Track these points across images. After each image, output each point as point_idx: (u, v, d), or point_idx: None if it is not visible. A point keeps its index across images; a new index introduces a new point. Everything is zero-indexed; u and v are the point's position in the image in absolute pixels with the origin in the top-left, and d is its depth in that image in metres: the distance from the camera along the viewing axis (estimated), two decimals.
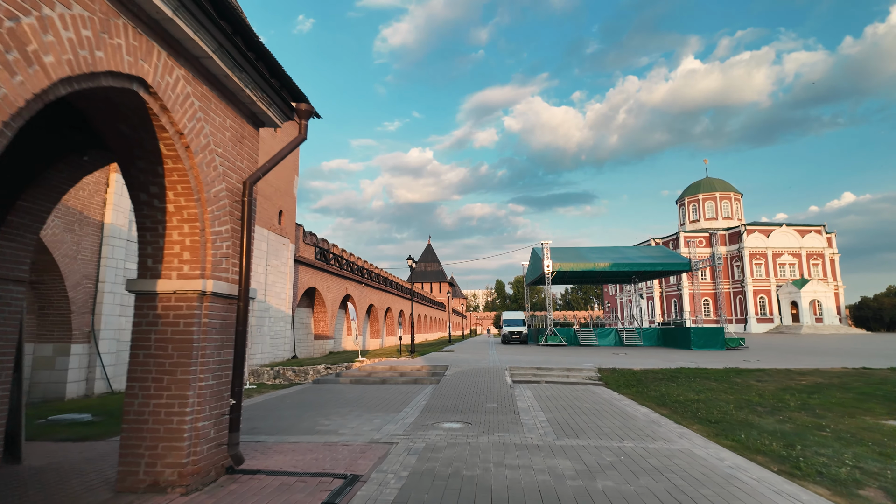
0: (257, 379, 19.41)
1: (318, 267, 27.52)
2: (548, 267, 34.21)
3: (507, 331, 37.51)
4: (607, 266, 34.42)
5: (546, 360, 19.13)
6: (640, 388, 13.09)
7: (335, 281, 30.90)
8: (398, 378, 14.76)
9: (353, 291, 34.47)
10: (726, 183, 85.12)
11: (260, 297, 20.33)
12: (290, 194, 23.58)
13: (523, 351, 26.93)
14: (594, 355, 23.45)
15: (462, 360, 19.61)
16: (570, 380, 14.62)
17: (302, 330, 27.78)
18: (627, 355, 24.22)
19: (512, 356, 22.09)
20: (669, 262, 35.34)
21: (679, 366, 16.96)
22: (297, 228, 25.24)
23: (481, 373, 14.84)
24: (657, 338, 34.61)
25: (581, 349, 29.17)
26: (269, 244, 21.39)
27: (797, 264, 71.32)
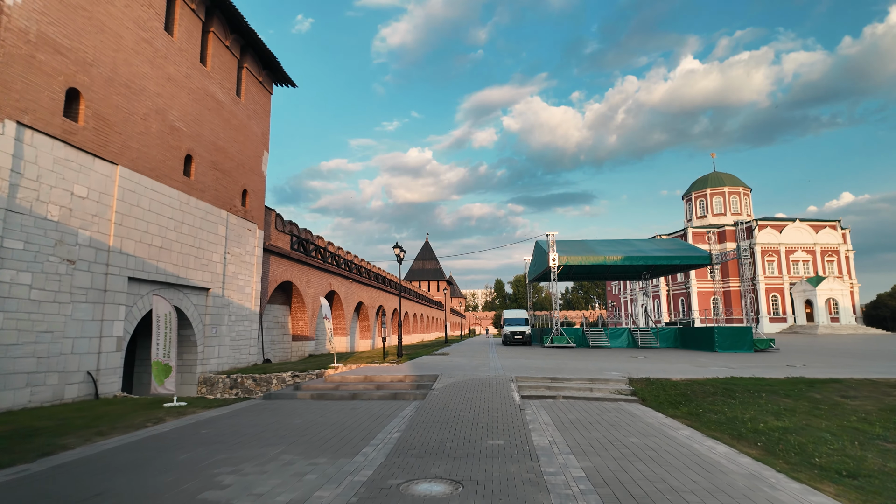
0: (210, 389, 16.11)
1: (294, 258, 24.21)
2: (553, 261, 30.94)
3: (509, 331, 34.23)
4: (619, 259, 31.16)
5: (558, 367, 15.87)
6: (691, 407, 9.83)
7: (317, 275, 27.59)
8: (373, 392, 11.45)
9: (338, 287, 31.16)
10: (734, 177, 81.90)
11: (216, 290, 17.03)
12: (257, 172, 20.29)
13: (528, 353, 23.66)
14: (610, 359, 20.19)
15: (457, 365, 16.34)
16: (595, 394, 11.33)
17: (277, 330, 24.47)
18: (648, 359, 21.04)
19: (516, 360, 18.84)
20: (687, 256, 32.08)
21: (725, 374, 13.68)
22: (267, 213, 21.94)
23: (480, 385, 11.54)
24: (674, 338, 31.37)
25: (591, 351, 25.90)
26: (230, 228, 18.09)
27: (811, 261, 68.12)
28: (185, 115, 15.50)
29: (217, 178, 17.28)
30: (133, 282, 13.23)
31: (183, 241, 15.31)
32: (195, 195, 16.00)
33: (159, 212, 14.20)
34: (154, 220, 13.99)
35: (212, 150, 17.01)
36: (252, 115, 20.04)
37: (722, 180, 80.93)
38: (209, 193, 16.79)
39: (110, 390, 12.22)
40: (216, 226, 17.16)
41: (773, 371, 14.80)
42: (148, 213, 13.75)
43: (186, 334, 16.09)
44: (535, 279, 41.05)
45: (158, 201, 14.18)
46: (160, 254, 14.20)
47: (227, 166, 17.95)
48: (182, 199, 15.34)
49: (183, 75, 15.41)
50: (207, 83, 16.79)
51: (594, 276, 43.55)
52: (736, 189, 79.77)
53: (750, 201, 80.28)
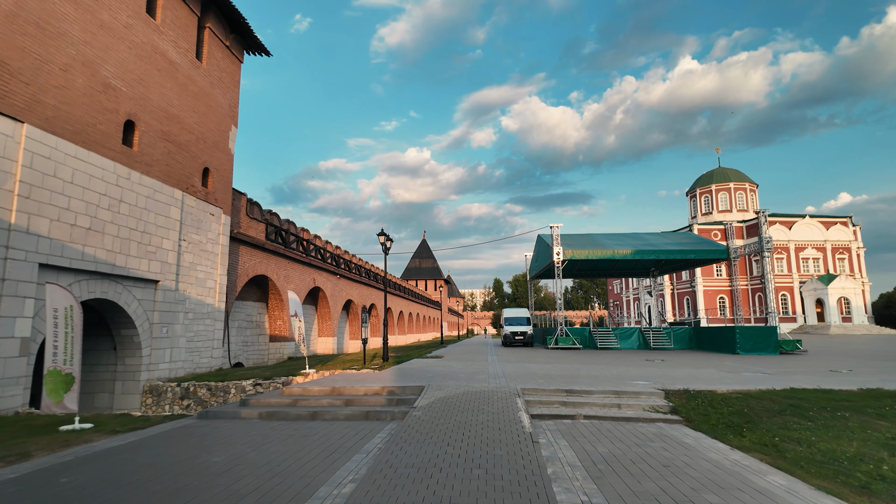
0: (157, 401, 13.54)
1: (270, 250, 21.64)
2: (558, 255, 28.43)
3: (509, 331, 31.69)
4: (629, 253, 28.66)
5: (569, 373, 13.33)
6: (759, 433, 7.33)
7: (298, 269, 25.01)
8: (339, 410, 8.90)
9: (324, 284, 28.59)
10: (740, 173, 79.47)
11: (167, 282, 14.46)
12: (222, 149, 17.72)
13: (531, 356, 21.13)
14: (625, 363, 17.68)
15: (451, 372, 13.79)
16: (626, 412, 8.80)
17: (251, 330, 21.90)
18: (666, 362, 18.59)
19: (519, 365, 16.31)
20: (702, 249, 29.61)
21: (774, 385, 11.15)
22: (236, 197, 19.36)
23: (477, 400, 8.99)
24: (689, 339, 28.88)
25: (600, 354, 23.40)
26: (186, 211, 15.52)
27: (821, 259, 65.74)
28: (124, 72, 12.93)
29: (169, 151, 14.71)
30: (47, 270, 10.66)
31: (121, 222, 12.74)
32: (139, 169, 13.43)
33: (87, 185, 11.63)
34: (79, 195, 11.42)
35: (162, 119, 14.44)
36: (217, 83, 17.48)
37: (728, 176, 78.55)
38: (158, 169, 14.22)
39: (11, 405, 9.66)
40: (168, 207, 14.58)
41: (826, 379, 12.31)
42: (70, 186, 11.18)
43: (128, 335, 13.51)
44: (537, 276, 38.53)
45: (86, 173, 11.61)
46: (88, 237, 11.63)
47: (183, 139, 15.38)
48: (121, 172, 12.77)
49: (122, 25, 12.84)
50: (157, 39, 14.22)
51: (599, 273, 41.04)
52: (742, 185, 77.37)
53: (756, 197, 77.89)
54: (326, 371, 13.90)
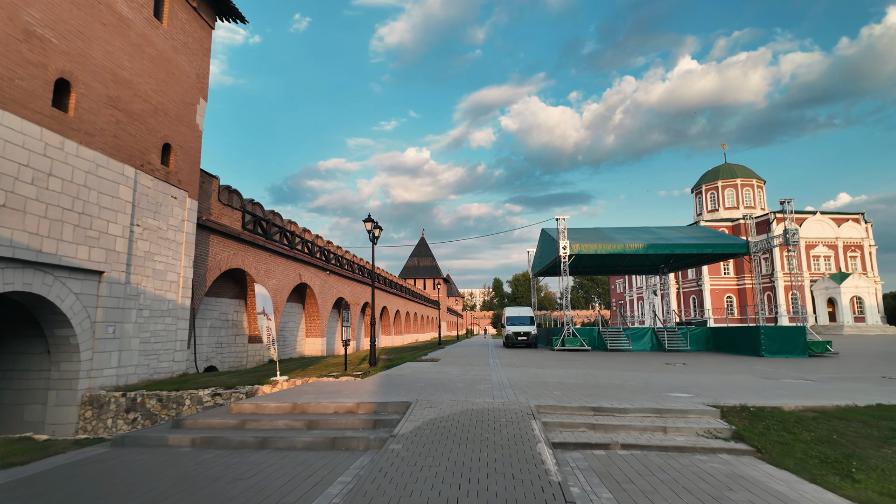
0: (98, 414, 11.41)
1: (248, 241, 19.48)
2: (564, 249, 26.32)
3: (511, 331, 29.54)
4: (641, 248, 26.52)
5: (586, 380, 11.18)
6: (874, 473, 5.20)
7: (281, 263, 22.85)
8: (297, 436, 6.75)
9: (311, 280, 26.43)
10: (747, 169, 77.37)
11: (114, 273, 12.30)
12: (188, 124, 15.56)
13: (538, 359, 18.99)
14: (643, 367, 15.56)
15: (446, 380, 11.65)
16: (674, 438, 6.66)
17: (226, 329, 19.75)
18: (688, 366, 16.56)
19: (526, 370, 14.17)
20: (720, 244, 27.49)
21: (848, 398, 9.01)
22: (206, 180, 17.20)
23: (479, 423, 6.84)
24: (706, 340, 26.76)
25: (612, 356, 21.27)
26: (141, 192, 13.36)
27: (833, 257, 63.61)
28: (55, 20, 10.77)
29: (118, 121, 12.54)
30: None
31: (51, 200, 10.59)
32: (76, 138, 11.27)
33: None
34: None
35: (108, 82, 12.28)
36: (181, 48, 15.32)
37: (734, 172, 76.46)
38: (103, 140, 12.06)
39: None
40: (115, 186, 12.42)
41: (890, 389, 10.18)
42: None
43: (63, 335, 11.36)
44: (540, 272, 36.41)
45: None
46: (2, 215, 9.48)
47: (136, 108, 13.21)
48: (50, 140, 10.61)
49: None
50: None
51: (605, 270, 38.96)
52: (749, 181, 75.27)
53: (764, 194, 75.81)
54: (299, 379, 11.75)
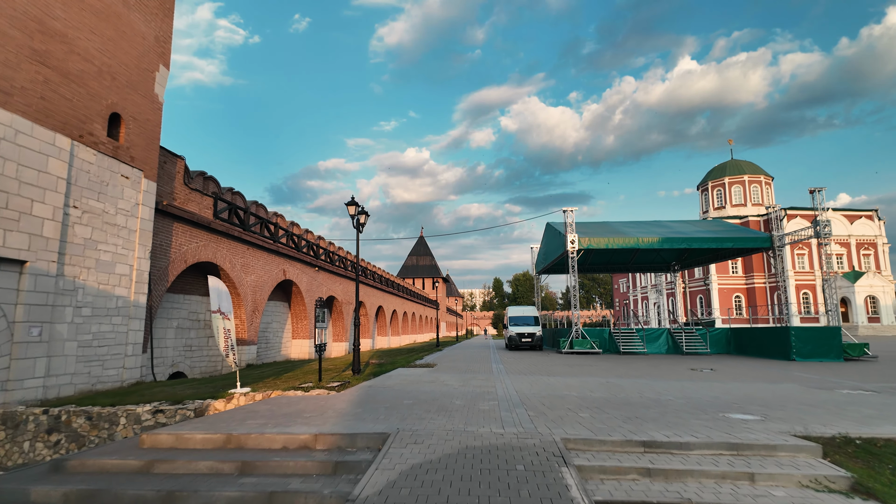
0: (12, 435, 9.33)
1: (221, 231, 17.34)
2: (573, 243, 24.23)
3: (515, 332, 27.40)
4: (656, 242, 24.42)
5: (612, 392, 9.04)
6: None
7: (261, 257, 20.72)
8: (220, 487, 4.63)
9: (297, 277, 24.29)
10: (755, 165, 75.19)
11: (41, 263, 10.17)
12: (144, 93, 13.42)
13: (547, 364, 16.84)
14: (668, 374, 13.43)
15: (441, 393, 9.53)
16: (770, 494, 4.51)
17: (197, 331, 17.62)
18: (718, 372, 14.56)
19: (537, 378, 12.03)
20: (740, 237, 25.45)
21: None
22: (168, 159, 15.06)
23: (485, 472, 4.70)
24: (726, 342, 24.65)
25: (627, 360, 19.17)
26: (80, 168, 11.23)
27: (845, 255, 61.52)
28: None
29: (47, 80, 10.42)
30: None
31: None
32: None
33: None
34: None
35: (33, 32, 10.16)
36: (135, 4, 13.19)
37: (741, 168, 74.31)
38: (24, 101, 9.93)
39: None
40: (43, 158, 10.29)
41: None
42: None
43: None
44: (544, 270, 34.27)
45: None
46: None
47: (73, 68, 11.08)
48: None
49: None
50: None
51: (613, 266, 36.81)
52: (757, 177, 73.13)
53: (772, 191, 73.67)
54: (261, 393, 9.61)
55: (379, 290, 41.75)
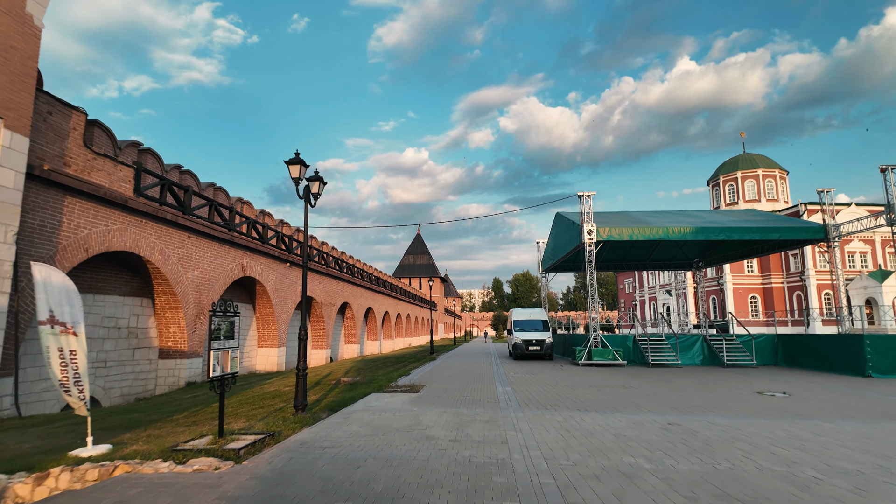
0: None
1: (145, 213, 13.39)
2: (590, 234, 20.35)
3: (521, 338, 23.46)
4: (689, 232, 20.57)
5: (704, 462, 5.07)
6: None
7: (209, 248, 16.79)
8: None
9: (260, 272, 20.35)
10: (769, 159, 71.46)
11: None
12: (7, 8, 9.48)
13: (567, 383, 12.90)
14: (739, 402, 9.42)
15: (417, 464, 5.62)
16: None
17: (119, 341, 13.67)
18: (795, 398, 10.62)
19: (566, 416, 8.09)
20: (790, 228, 21.58)
21: None
22: (55, 109, 11.07)
23: None
24: (773, 351, 20.75)
25: (663, 376, 15.26)
26: None
27: (869, 253, 57.69)
28: None
29: None
30: None
31: None
32: None
33: None
34: None
35: None
36: None
37: (755, 162, 70.58)
38: None
39: None
40: None
41: None
42: None
43: None
44: (552, 267, 30.38)
45: None
46: None
47: None
48: None
49: None
50: None
51: (629, 263, 32.92)
52: (771, 172, 69.39)
53: (787, 185, 69.93)
54: (115, 464, 5.60)
55: (368, 289, 37.80)
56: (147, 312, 14.94)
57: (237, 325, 6.67)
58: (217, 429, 6.61)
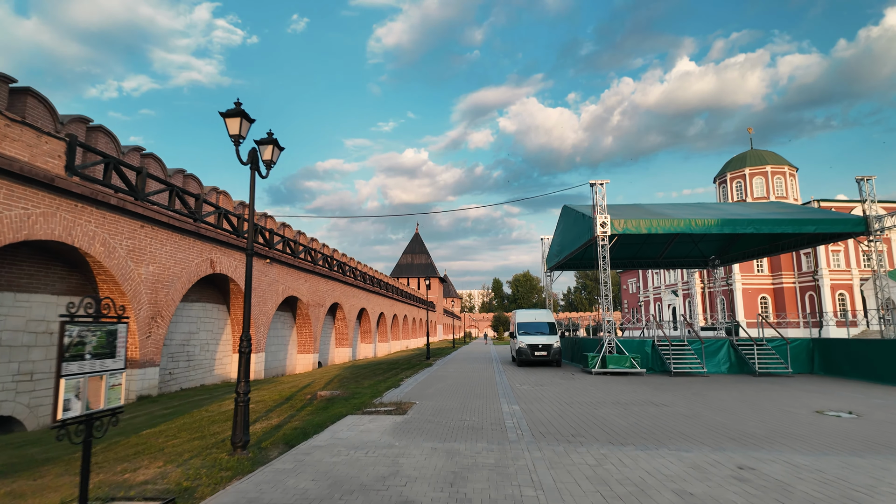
0: None
1: (82, 196, 11.18)
2: (603, 227, 18.21)
3: (525, 343, 21.25)
4: (713, 224, 18.41)
5: None
6: None
7: (167, 240, 14.60)
8: None
9: (233, 269, 18.16)
10: (778, 156, 69.30)
11: None
12: None
13: (586, 401, 10.72)
14: (803, 431, 7.16)
15: None
16: None
17: (46, 349, 11.46)
18: (865, 419, 8.29)
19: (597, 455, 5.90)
20: (824, 220, 19.42)
21: None
22: None
23: None
24: (808, 356, 18.54)
25: (692, 387, 13.09)
26: None
27: (885, 251, 55.52)
28: None
29: None
30: None
31: None
32: None
33: None
34: None
35: None
36: None
37: (763, 158, 68.40)
38: None
39: None
40: None
41: None
42: None
43: None
44: (558, 265, 28.21)
45: None
46: None
47: None
48: None
49: None
50: None
51: (640, 261, 30.77)
52: (780, 168, 67.17)
53: (796, 182, 67.69)
54: None
55: (362, 289, 35.58)
56: None
57: (120, 336, 4.46)
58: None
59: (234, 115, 6.40)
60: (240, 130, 6.44)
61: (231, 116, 6.40)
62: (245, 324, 6.60)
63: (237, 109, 6.44)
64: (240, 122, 6.42)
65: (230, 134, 6.45)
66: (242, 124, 6.46)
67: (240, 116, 6.42)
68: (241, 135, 6.47)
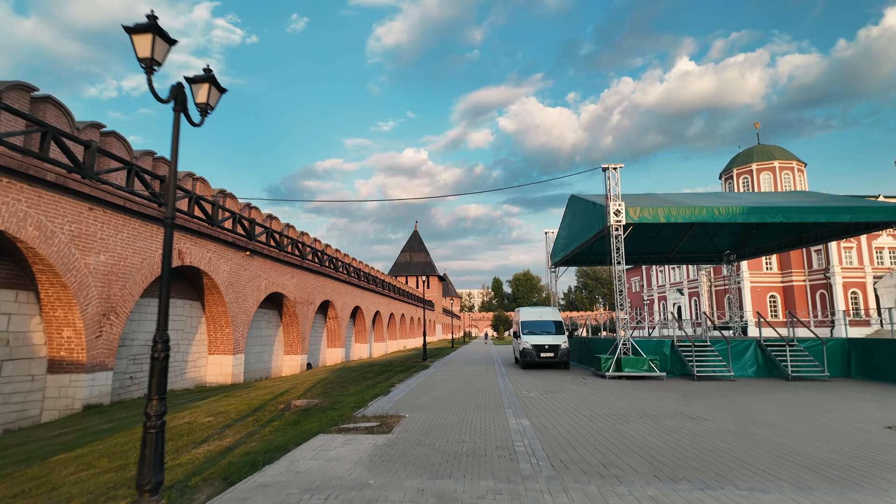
0: None
1: (11, 170, 9.39)
2: (617, 216, 16.47)
3: (531, 343, 19.46)
4: (738, 213, 16.68)
5: None
6: None
7: (125, 227, 12.81)
8: None
9: (207, 263, 16.36)
10: (785, 151, 67.52)
11: None
12: None
13: (608, 413, 8.96)
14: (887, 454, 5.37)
15: None
16: None
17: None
18: None
19: None
20: (859, 208, 17.60)
21: None
22: None
23: None
24: (843, 358, 16.76)
25: (724, 395, 11.32)
26: None
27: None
28: None
29: None
30: None
31: None
32: None
33: None
34: None
35: None
36: None
37: (771, 153, 66.59)
38: None
39: None
40: None
41: None
42: None
43: None
44: (563, 260, 26.41)
45: None
46: None
47: None
48: None
49: None
50: None
51: (651, 256, 28.98)
52: (788, 163, 65.37)
53: (805, 178, 65.94)
54: None
55: (356, 287, 33.78)
56: (27, 311, 10.95)
57: None
58: None
59: (142, 30, 4.60)
60: (152, 53, 4.64)
61: (139, 33, 4.61)
62: (160, 319, 4.82)
63: (151, 23, 4.64)
64: (152, 40, 4.63)
65: (139, 58, 4.66)
66: (156, 44, 4.67)
67: (152, 33, 4.62)
68: (154, 59, 4.67)
